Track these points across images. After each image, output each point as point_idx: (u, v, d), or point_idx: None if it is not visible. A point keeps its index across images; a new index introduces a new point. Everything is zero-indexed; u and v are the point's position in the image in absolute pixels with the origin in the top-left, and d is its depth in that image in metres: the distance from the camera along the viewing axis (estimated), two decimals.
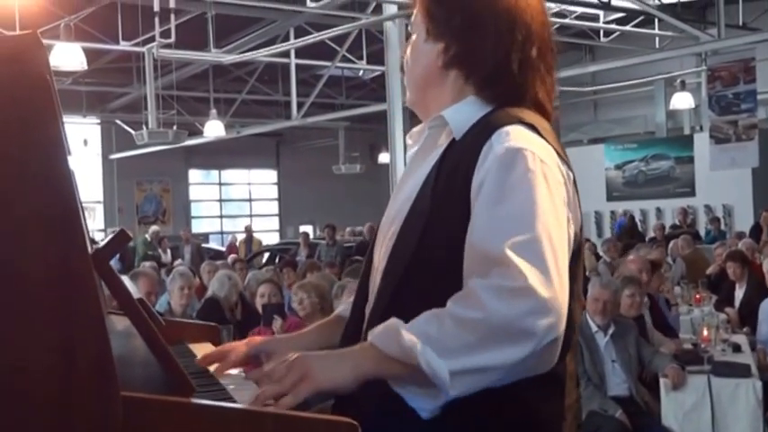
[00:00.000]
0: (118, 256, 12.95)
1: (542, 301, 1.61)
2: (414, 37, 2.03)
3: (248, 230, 21.65)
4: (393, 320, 1.66)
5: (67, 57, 12.22)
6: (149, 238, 17.48)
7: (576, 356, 1.97)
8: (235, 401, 1.79)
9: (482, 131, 1.84)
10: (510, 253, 1.63)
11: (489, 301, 1.60)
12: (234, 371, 2.16)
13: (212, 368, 2.12)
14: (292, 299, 6.98)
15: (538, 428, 1.83)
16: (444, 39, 1.95)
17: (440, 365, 1.58)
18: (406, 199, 1.94)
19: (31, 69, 1.43)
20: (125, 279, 1.91)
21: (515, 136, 1.80)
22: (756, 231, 15.40)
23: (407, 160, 2.11)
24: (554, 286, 1.63)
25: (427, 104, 2.00)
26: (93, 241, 1.76)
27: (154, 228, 18.95)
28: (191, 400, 1.54)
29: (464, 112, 1.92)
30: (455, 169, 1.83)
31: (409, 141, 2.12)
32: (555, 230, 1.70)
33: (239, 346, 2.15)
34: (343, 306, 2.29)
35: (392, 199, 2.07)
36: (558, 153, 1.86)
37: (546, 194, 1.72)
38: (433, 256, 1.81)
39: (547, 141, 1.85)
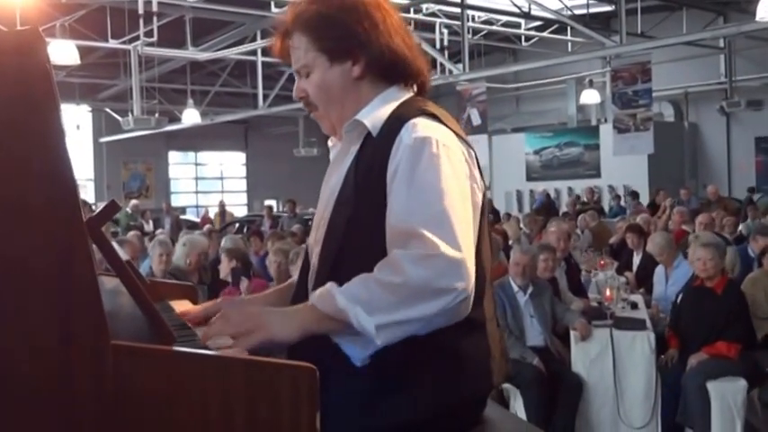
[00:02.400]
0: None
1: (454, 265, 1.67)
2: (314, 74, 1.97)
3: (222, 205, 21.52)
4: (329, 285, 1.72)
5: (63, 52, 12.07)
6: (130, 211, 17.29)
7: (493, 302, 2.01)
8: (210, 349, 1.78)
9: (393, 126, 1.86)
10: (422, 229, 1.69)
11: (408, 267, 1.66)
12: None
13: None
14: (269, 259, 7.04)
15: (466, 364, 1.87)
16: (347, 57, 1.94)
17: (367, 321, 1.65)
18: (333, 191, 1.97)
19: (34, 60, 1.40)
20: (114, 244, 1.88)
21: (421, 127, 1.83)
22: (653, 207, 15.60)
23: (331, 159, 2.10)
24: (462, 252, 1.69)
25: (348, 117, 1.96)
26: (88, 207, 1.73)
27: (134, 201, 18.69)
28: (172, 348, 1.52)
29: (375, 112, 1.93)
30: (372, 161, 1.86)
31: (330, 144, 2.12)
32: (459, 204, 1.75)
33: (208, 305, 2.16)
34: (296, 275, 2.30)
35: (322, 191, 2.08)
36: (457, 135, 1.90)
37: (450, 174, 1.77)
38: (360, 237, 1.85)
39: (447, 127, 1.89)
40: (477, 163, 1.94)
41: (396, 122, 1.86)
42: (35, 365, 1.38)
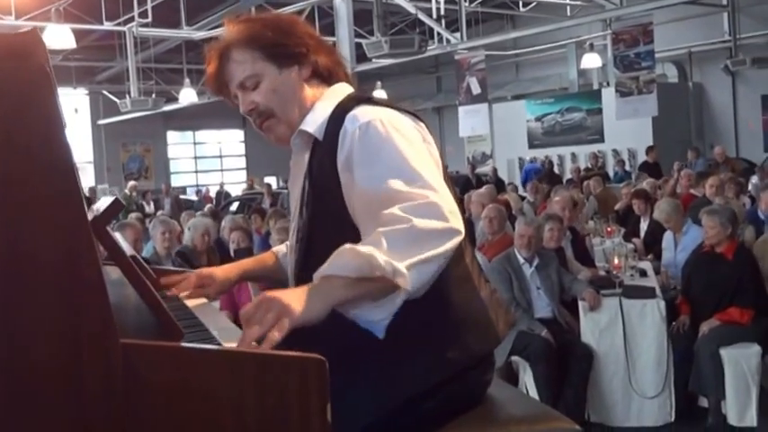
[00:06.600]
0: None
1: (445, 207, 1.74)
2: (264, 82, 2.09)
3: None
4: (339, 249, 1.67)
5: (58, 37, 12.15)
6: (128, 192, 17.37)
7: (476, 262, 2.13)
8: (218, 343, 1.79)
9: (335, 123, 1.98)
10: (403, 187, 1.77)
11: (409, 215, 1.69)
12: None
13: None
14: (272, 238, 7.12)
15: (463, 314, 1.97)
16: (293, 62, 2.10)
17: (397, 262, 1.63)
18: (296, 200, 2.12)
19: (34, 62, 1.43)
20: (119, 238, 1.90)
21: (361, 113, 1.95)
22: (644, 166, 15.67)
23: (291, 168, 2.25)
24: (446, 198, 1.77)
25: (298, 118, 2.09)
26: (87, 199, 1.75)
27: (132, 182, 18.78)
28: (180, 344, 1.53)
29: (316, 119, 2.05)
30: (322, 159, 1.99)
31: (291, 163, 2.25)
32: (423, 163, 1.85)
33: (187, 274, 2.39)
34: (284, 248, 2.44)
35: (290, 204, 2.25)
36: (398, 110, 2.02)
37: (403, 141, 1.88)
38: (324, 233, 1.94)
39: (386, 106, 2.01)
40: (431, 131, 2.06)
41: (337, 120, 1.98)
42: (45, 366, 1.39)
